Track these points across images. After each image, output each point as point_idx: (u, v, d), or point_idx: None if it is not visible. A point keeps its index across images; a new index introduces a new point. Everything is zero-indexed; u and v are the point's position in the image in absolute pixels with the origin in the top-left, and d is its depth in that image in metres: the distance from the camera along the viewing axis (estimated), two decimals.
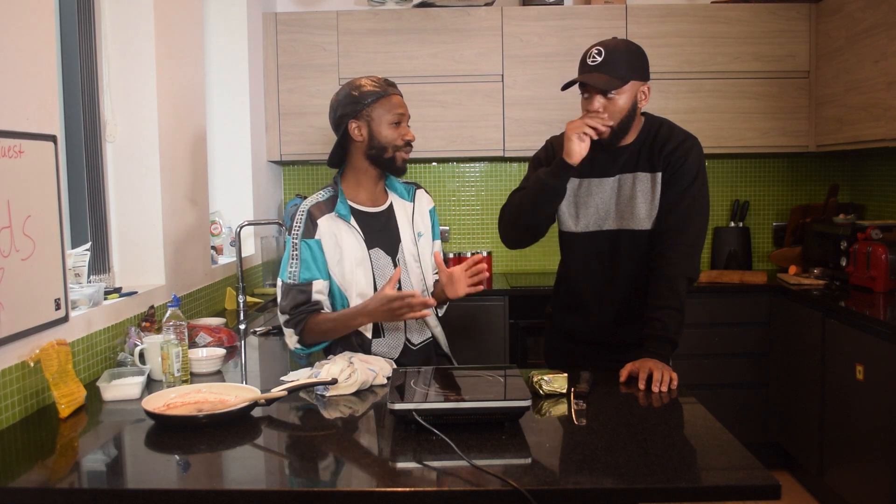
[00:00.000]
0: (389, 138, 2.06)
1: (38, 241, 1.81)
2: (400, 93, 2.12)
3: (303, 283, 2.04)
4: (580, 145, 1.98)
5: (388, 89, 2.08)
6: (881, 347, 2.67)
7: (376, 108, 2.05)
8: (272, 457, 1.52)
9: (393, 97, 2.07)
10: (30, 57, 1.82)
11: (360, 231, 2.08)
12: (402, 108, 2.09)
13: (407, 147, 2.09)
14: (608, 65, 1.98)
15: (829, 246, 3.57)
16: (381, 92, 2.06)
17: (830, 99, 3.61)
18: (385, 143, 2.06)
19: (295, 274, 2.04)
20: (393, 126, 2.06)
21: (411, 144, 2.11)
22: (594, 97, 2.01)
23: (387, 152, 2.07)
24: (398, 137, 2.07)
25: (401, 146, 2.07)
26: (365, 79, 2.09)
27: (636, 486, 1.29)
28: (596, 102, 2.01)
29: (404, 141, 2.08)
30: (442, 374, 1.80)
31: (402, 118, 2.08)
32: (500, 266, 4.20)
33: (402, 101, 2.10)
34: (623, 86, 1.99)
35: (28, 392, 1.76)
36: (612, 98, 1.99)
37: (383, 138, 2.06)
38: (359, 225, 2.09)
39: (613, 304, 2.17)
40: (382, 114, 2.05)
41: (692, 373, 3.47)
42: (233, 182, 3.62)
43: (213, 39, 3.56)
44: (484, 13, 3.75)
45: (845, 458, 2.97)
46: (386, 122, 2.05)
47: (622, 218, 2.11)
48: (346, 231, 2.07)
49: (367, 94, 2.05)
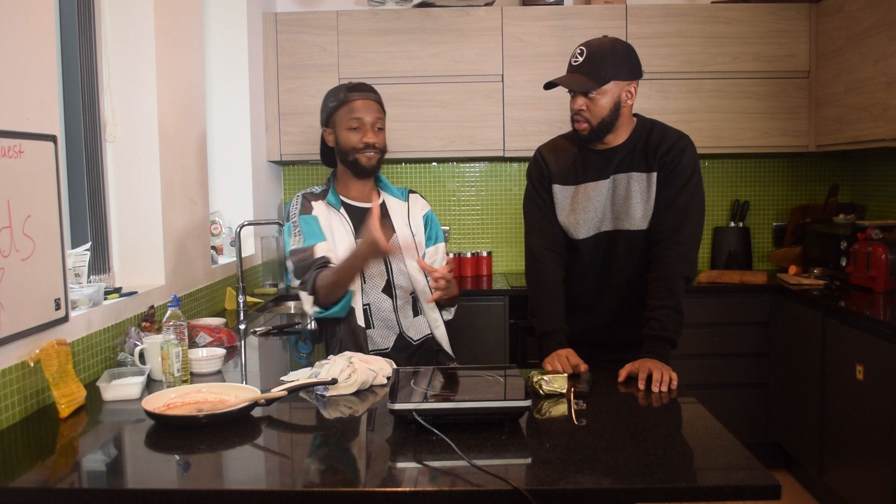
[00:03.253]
0: (350, 143, 2.17)
1: (38, 241, 1.81)
2: (366, 97, 2.17)
3: (307, 246, 2.14)
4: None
5: (350, 95, 2.16)
6: (881, 347, 2.67)
7: (338, 114, 2.18)
8: (272, 457, 1.52)
9: (353, 103, 2.16)
10: (30, 57, 1.82)
11: (349, 222, 2.19)
12: (363, 111, 2.16)
13: (367, 150, 2.16)
14: (588, 65, 2.01)
15: (829, 246, 3.57)
16: (342, 98, 2.17)
17: (830, 99, 3.61)
18: (346, 148, 2.18)
19: (299, 242, 2.16)
20: (352, 131, 2.16)
21: (375, 147, 2.17)
22: (577, 97, 2.06)
23: (349, 156, 2.19)
24: (357, 141, 2.16)
25: (360, 149, 2.16)
26: (337, 87, 2.21)
27: (636, 486, 1.29)
28: (578, 102, 2.05)
29: (363, 144, 2.16)
30: (442, 374, 1.80)
31: (362, 123, 2.15)
32: (500, 266, 4.20)
33: (364, 105, 2.16)
34: (602, 86, 2.01)
35: (28, 392, 1.76)
36: (594, 98, 2.03)
37: (343, 143, 2.18)
38: (349, 216, 2.20)
39: (612, 305, 2.18)
40: (342, 120, 2.17)
41: (692, 373, 3.47)
42: (233, 182, 3.62)
43: (213, 39, 3.56)
44: (484, 13, 3.75)
45: (845, 458, 2.97)
46: (345, 127, 2.17)
47: (618, 219, 2.11)
48: (337, 219, 2.19)
49: (331, 101, 2.19)
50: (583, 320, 2.20)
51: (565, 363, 1.96)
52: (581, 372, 1.95)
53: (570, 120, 2.11)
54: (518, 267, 4.20)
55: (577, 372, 1.95)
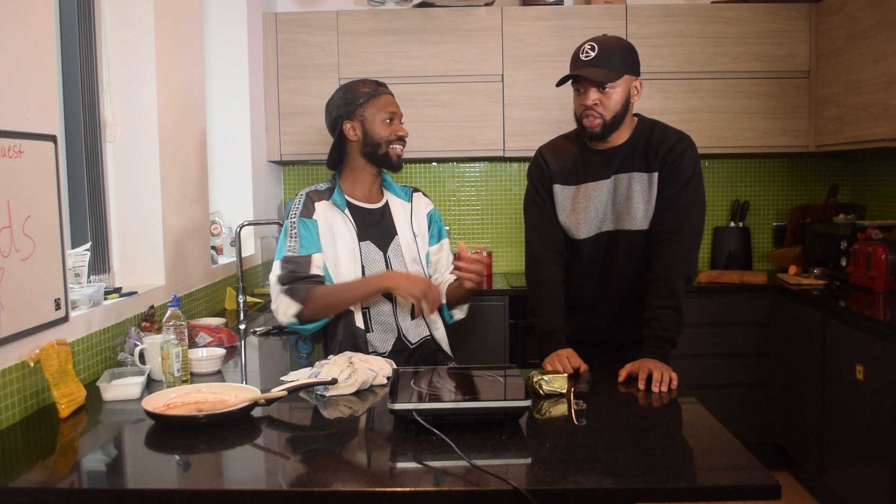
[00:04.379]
0: (382, 135, 2.17)
1: (38, 241, 1.81)
2: (390, 92, 2.24)
3: (302, 255, 2.11)
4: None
5: (379, 89, 2.20)
6: (881, 347, 2.67)
7: (368, 107, 2.17)
8: (272, 457, 1.52)
9: (383, 96, 2.19)
10: (30, 57, 1.82)
11: (353, 222, 2.17)
12: (394, 105, 2.21)
13: (399, 142, 2.20)
14: (602, 59, 2.00)
15: (829, 246, 3.57)
16: (371, 92, 2.18)
17: (830, 99, 3.61)
18: (378, 140, 2.17)
19: (295, 248, 2.11)
20: (385, 123, 2.18)
21: (404, 140, 2.22)
22: (589, 91, 2.03)
23: (380, 148, 2.18)
24: (391, 133, 2.18)
25: (393, 141, 2.18)
26: (356, 81, 2.22)
27: (636, 486, 1.29)
28: (591, 96, 2.02)
29: (397, 136, 2.19)
30: (442, 374, 1.80)
31: (394, 116, 2.19)
32: (500, 266, 4.20)
33: (393, 100, 2.22)
34: (618, 79, 2.01)
35: (28, 392, 1.76)
36: (607, 92, 2.01)
37: (376, 135, 2.17)
38: (353, 217, 2.18)
39: (612, 305, 2.18)
40: (375, 112, 2.17)
41: (692, 373, 3.47)
42: (233, 182, 3.62)
43: (213, 39, 3.56)
44: (484, 13, 3.75)
45: (845, 458, 2.97)
46: (378, 119, 2.17)
47: (619, 219, 2.11)
48: (340, 220, 2.17)
49: (359, 94, 2.17)
50: (583, 320, 2.20)
51: (565, 363, 1.96)
52: (581, 372, 1.95)
53: (577, 118, 2.08)
54: (518, 267, 4.20)
55: (577, 372, 1.95)
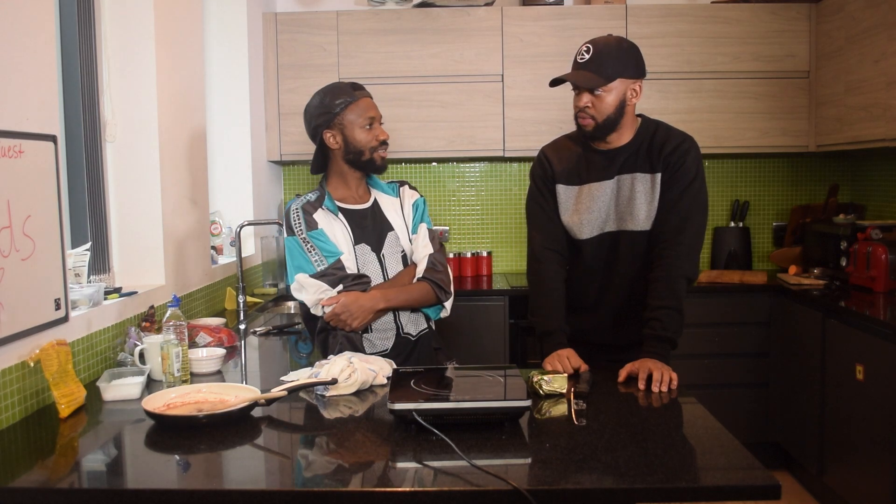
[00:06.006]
0: (364, 141, 2.14)
1: (38, 241, 1.81)
2: (368, 94, 2.18)
3: (333, 263, 2.10)
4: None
5: (356, 94, 2.14)
6: (881, 347, 2.67)
7: (347, 114, 2.13)
8: (272, 457, 1.52)
9: (361, 101, 2.14)
10: (30, 57, 1.82)
11: (347, 227, 2.16)
12: (372, 109, 2.15)
13: (382, 146, 2.17)
14: (595, 63, 2.00)
15: (829, 246, 3.57)
16: (348, 98, 2.12)
17: (830, 99, 3.61)
18: (361, 148, 2.14)
19: (321, 261, 2.10)
20: (365, 129, 2.13)
21: (387, 143, 2.18)
22: (582, 94, 2.05)
23: (364, 155, 2.15)
24: (372, 139, 2.14)
25: (376, 146, 2.15)
26: (332, 86, 2.16)
27: (636, 486, 1.29)
28: (583, 98, 2.04)
29: (379, 141, 2.15)
30: (442, 374, 1.80)
31: (374, 120, 2.15)
32: (500, 266, 4.20)
33: (371, 103, 2.17)
34: (608, 84, 2.01)
35: (28, 392, 1.76)
36: (599, 95, 2.02)
37: (358, 143, 2.14)
38: (346, 220, 2.17)
39: (613, 305, 2.18)
40: (354, 119, 2.13)
41: (692, 373, 3.47)
42: (233, 182, 3.62)
43: (213, 39, 3.56)
44: (484, 13, 3.75)
45: (845, 458, 2.97)
46: (358, 126, 2.13)
47: (621, 219, 2.11)
48: (337, 225, 2.16)
49: (337, 101, 2.12)
50: (584, 320, 2.20)
51: (565, 363, 1.96)
52: (581, 372, 1.95)
53: (574, 117, 2.09)
54: (518, 267, 4.20)
55: (577, 372, 1.95)
